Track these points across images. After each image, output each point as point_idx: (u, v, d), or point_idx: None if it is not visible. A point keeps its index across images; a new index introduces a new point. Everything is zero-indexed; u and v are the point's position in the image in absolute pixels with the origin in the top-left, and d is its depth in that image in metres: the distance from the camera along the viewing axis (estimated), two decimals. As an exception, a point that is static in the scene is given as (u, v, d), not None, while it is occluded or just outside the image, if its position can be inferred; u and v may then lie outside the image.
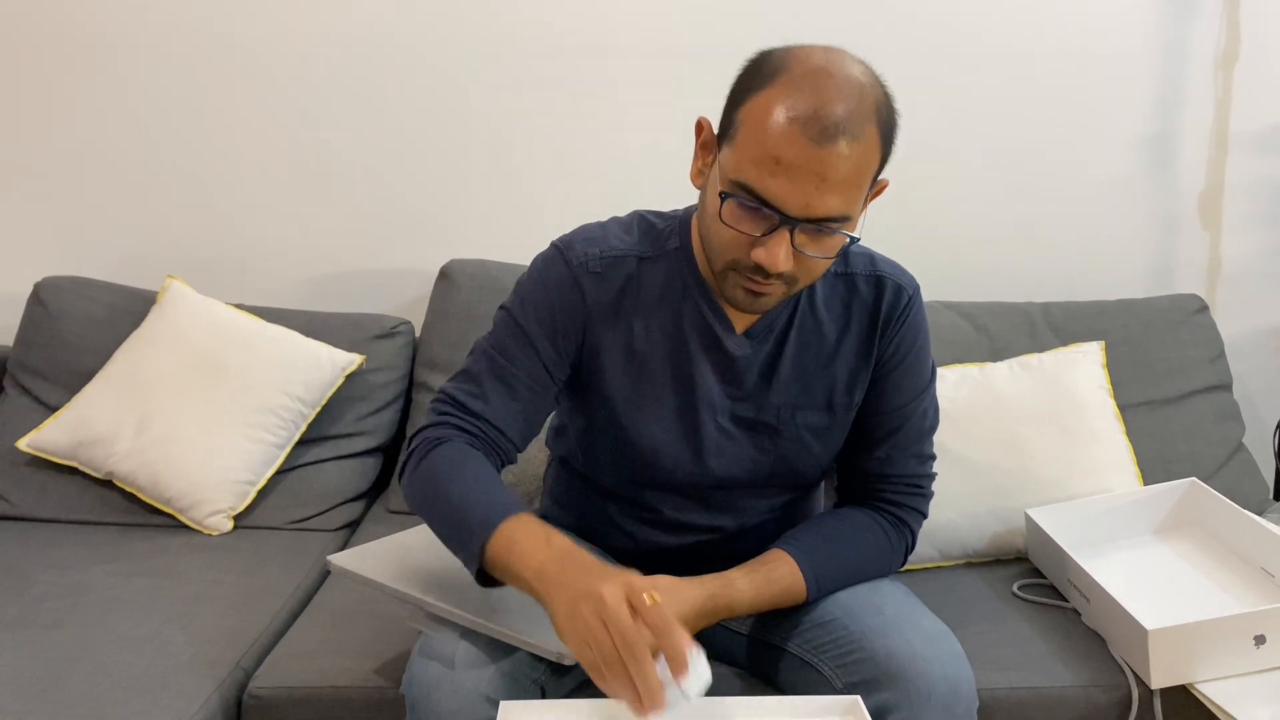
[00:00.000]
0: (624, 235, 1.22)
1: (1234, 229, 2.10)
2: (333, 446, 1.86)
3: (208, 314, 1.86)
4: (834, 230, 1.04)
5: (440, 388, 1.21)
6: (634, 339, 1.20)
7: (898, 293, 1.22)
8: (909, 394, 1.25)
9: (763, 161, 1.01)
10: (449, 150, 2.06)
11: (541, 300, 1.19)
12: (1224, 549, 1.51)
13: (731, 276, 1.09)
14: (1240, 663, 1.25)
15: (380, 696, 1.28)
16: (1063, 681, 1.31)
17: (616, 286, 1.20)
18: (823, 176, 1.00)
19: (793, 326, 1.21)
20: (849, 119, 0.99)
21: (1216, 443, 1.83)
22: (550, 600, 0.98)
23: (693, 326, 1.20)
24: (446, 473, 1.12)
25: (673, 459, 1.23)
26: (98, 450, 1.75)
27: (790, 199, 1.01)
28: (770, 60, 1.05)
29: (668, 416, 1.21)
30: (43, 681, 1.25)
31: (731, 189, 1.04)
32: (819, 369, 1.22)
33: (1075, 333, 1.89)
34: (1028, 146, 2.07)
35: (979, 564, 1.64)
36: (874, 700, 1.07)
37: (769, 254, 1.04)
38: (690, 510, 1.27)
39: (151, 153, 2.06)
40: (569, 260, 1.20)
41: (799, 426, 1.23)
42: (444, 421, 1.18)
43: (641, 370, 1.21)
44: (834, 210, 1.02)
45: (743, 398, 1.22)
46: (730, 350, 1.20)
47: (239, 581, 1.54)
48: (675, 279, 1.20)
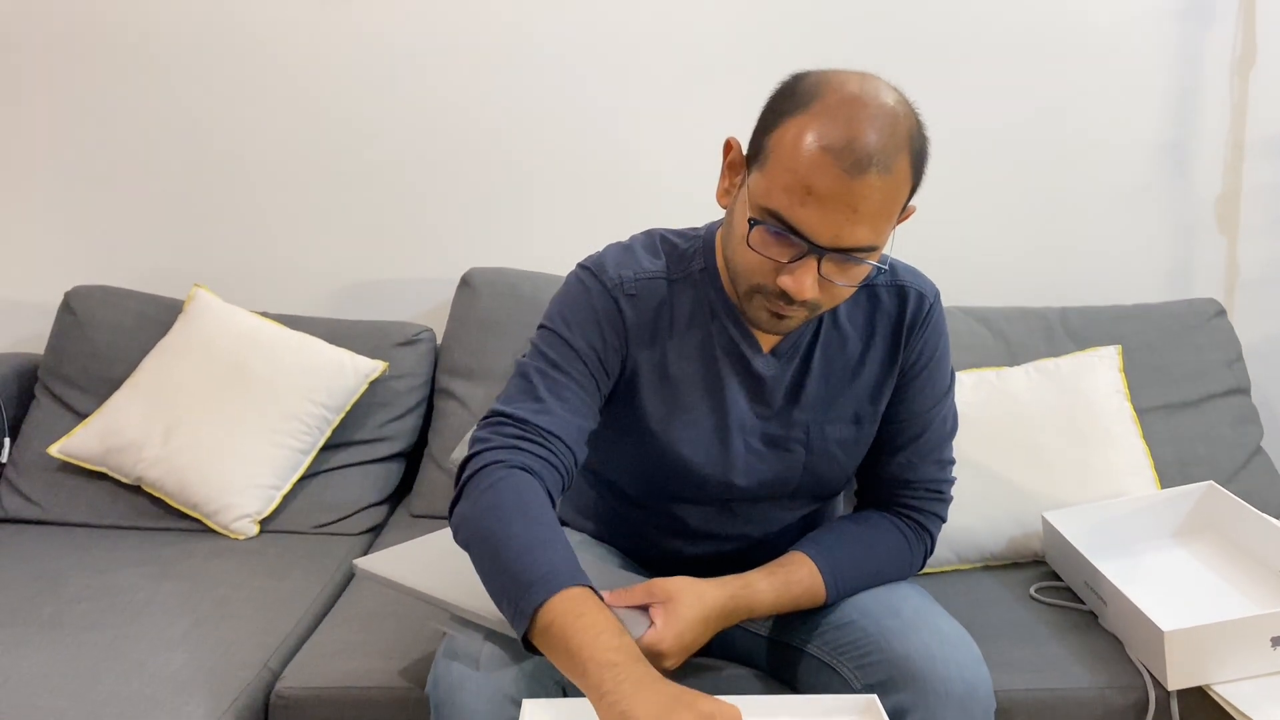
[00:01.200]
0: (652, 258, 1.21)
1: (1251, 234, 2.10)
2: (356, 452, 1.89)
3: (233, 322, 1.90)
4: (861, 260, 1.04)
5: (491, 410, 1.14)
6: (668, 362, 1.21)
7: (920, 300, 1.23)
8: (930, 400, 1.26)
9: (794, 190, 1.00)
10: (469, 161, 2.09)
11: (586, 316, 1.18)
12: (1241, 552, 1.51)
13: (756, 299, 1.09)
14: (1257, 664, 1.25)
15: (405, 697, 1.30)
16: (1080, 683, 1.32)
17: (651, 309, 1.20)
18: (854, 208, 0.99)
19: (818, 343, 1.22)
20: (882, 150, 0.99)
21: (1234, 446, 1.83)
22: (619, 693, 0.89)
23: (722, 348, 1.21)
24: (510, 512, 1.02)
25: (702, 476, 1.23)
26: (127, 456, 1.78)
27: (820, 229, 1.00)
28: (804, 85, 1.04)
29: (700, 437, 1.22)
30: (78, 680, 1.28)
31: (761, 215, 1.03)
32: (845, 383, 1.23)
33: (1093, 337, 1.90)
34: (1045, 153, 2.08)
35: (996, 567, 1.64)
36: (892, 701, 1.08)
37: (796, 282, 1.03)
38: (714, 520, 1.28)
39: (178, 165, 2.10)
40: (604, 281, 1.19)
41: (827, 441, 1.24)
42: (508, 444, 1.09)
43: (675, 392, 1.21)
44: (863, 241, 1.02)
45: (771, 416, 1.23)
46: (759, 371, 1.21)
47: (265, 585, 1.57)
48: (703, 301, 1.20)
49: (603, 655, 0.91)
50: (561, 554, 1.01)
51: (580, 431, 1.14)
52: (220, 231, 2.13)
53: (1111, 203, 2.10)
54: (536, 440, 1.10)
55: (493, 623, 1.11)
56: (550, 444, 1.11)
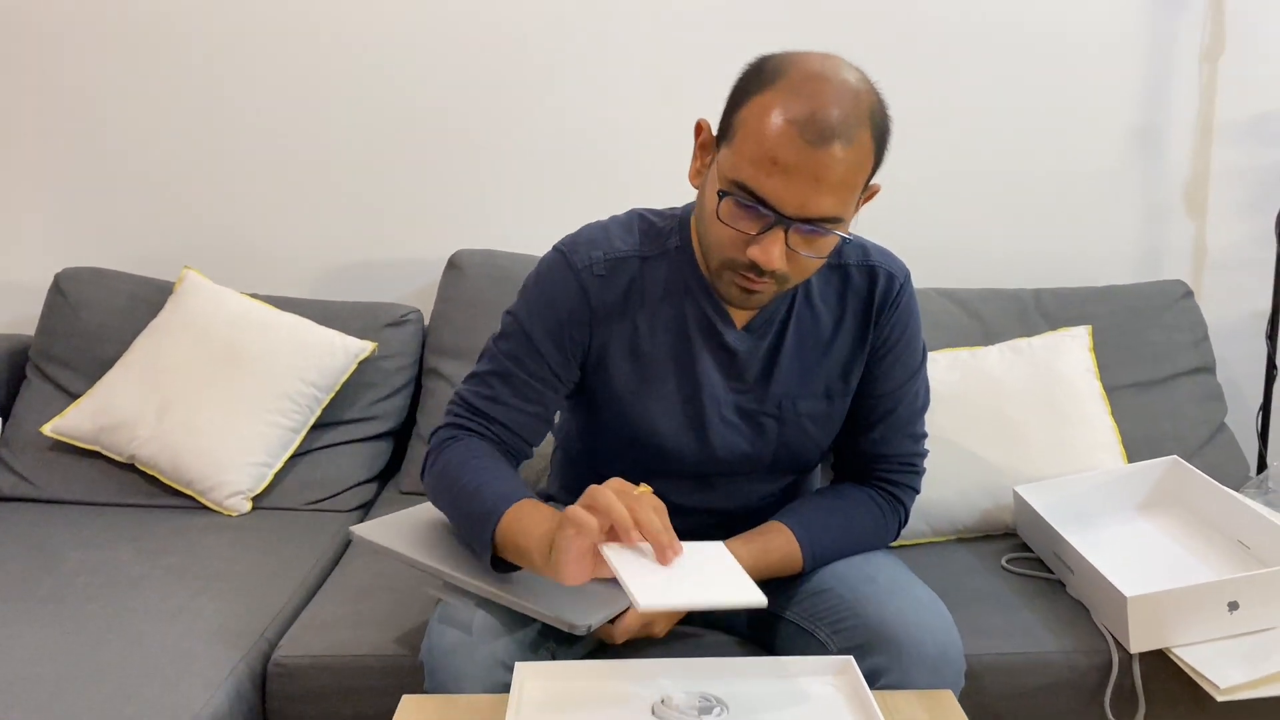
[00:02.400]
0: (626, 236, 1.26)
1: (1219, 217, 2.16)
2: (346, 431, 1.93)
3: (224, 303, 1.92)
4: (827, 231, 1.08)
5: (455, 391, 1.27)
6: (639, 337, 1.25)
7: (890, 280, 1.27)
8: (902, 377, 1.30)
9: (760, 162, 1.05)
10: (456, 143, 2.12)
11: (547, 307, 1.24)
12: (1203, 523, 1.57)
13: (726, 274, 1.14)
14: (1215, 627, 1.31)
15: (399, 665, 1.34)
16: (1047, 647, 1.38)
17: (621, 287, 1.24)
18: (818, 178, 1.04)
19: (790, 320, 1.26)
20: (844, 123, 1.03)
21: (1199, 423, 1.89)
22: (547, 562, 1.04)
23: (695, 323, 1.25)
24: (457, 468, 1.19)
25: (678, 450, 1.28)
26: (120, 435, 1.81)
27: (786, 199, 1.05)
28: (769, 65, 1.09)
29: (673, 411, 1.26)
30: (78, 651, 1.31)
31: (729, 188, 1.08)
32: (817, 359, 1.27)
33: (1064, 318, 1.96)
34: (1020, 139, 2.13)
35: (969, 539, 1.70)
36: (867, 664, 1.13)
37: (764, 252, 1.08)
38: (693, 494, 1.33)
39: (166, 148, 2.12)
40: (573, 264, 1.24)
41: (800, 415, 1.28)
42: (457, 423, 1.25)
43: (647, 367, 1.25)
44: (828, 211, 1.06)
45: (745, 390, 1.27)
46: (731, 345, 1.25)
47: (259, 559, 1.61)
48: (677, 277, 1.25)
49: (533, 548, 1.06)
50: (500, 483, 1.15)
51: (532, 418, 1.25)
52: (209, 214, 2.15)
53: (1084, 187, 2.16)
54: (484, 427, 1.24)
55: (484, 590, 1.15)
56: (497, 430, 1.24)
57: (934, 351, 1.85)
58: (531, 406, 1.24)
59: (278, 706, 1.36)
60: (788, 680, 1.06)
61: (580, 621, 1.08)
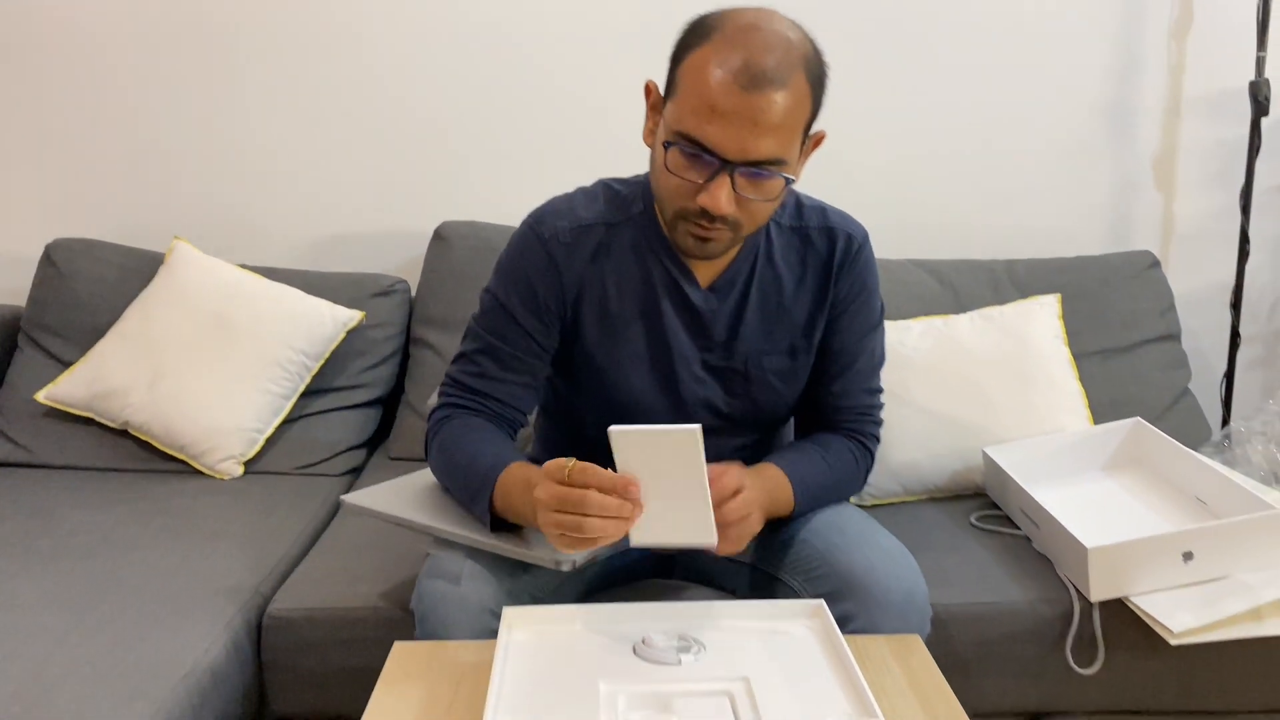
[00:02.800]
0: (591, 205, 1.31)
1: (1187, 190, 2.22)
2: (336, 398, 1.97)
3: (214, 273, 1.96)
4: (772, 174, 1.13)
5: (446, 373, 1.33)
6: (608, 301, 1.30)
7: (848, 241, 1.32)
8: (859, 333, 1.35)
9: (700, 111, 1.10)
10: (442, 115, 2.16)
11: (521, 279, 1.29)
12: (1163, 482, 1.63)
13: (681, 225, 1.19)
14: (1171, 577, 1.37)
15: (390, 616, 1.39)
16: (1012, 598, 1.44)
17: (588, 255, 1.29)
18: (755, 121, 1.09)
19: (753, 280, 1.31)
20: (777, 68, 1.09)
21: (1164, 388, 1.96)
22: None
23: (661, 284, 1.30)
24: (454, 444, 1.26)
25: (651, 408, 1.33)
26: (113, 401, 1.85)
27: (727, 143, 1.10)
28: (706, 21, 1.15)
29: (644, 370, 1.32)
30: (80, 604, 1.36)
31: (673, 138, 1.14)
32: (780, 318, 1.32)
33: (1035, 287, 2.01)
34: (993, 114, 2.18)
35: (940, 499, 1.76)
36: (837, 609, 1.18)
37: (711, 197, 1.13)
38: None
39: (156, 121, 2.15)
40: (541, 235, 1.29)
41: (765, 371, 1.33)
42: (451, 402, 1.31)
43: (617, 329, 1.31)
44: (769, 153, 1.11)
45: (712, 348, 1.32)
46: (696, 304, 1.30)
47: (253, 520, 1.65)
48: (641, 241, 1.30)
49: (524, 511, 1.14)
50: (494, 452, 1.22)
51: (521, 389, 1.31)
52: (199, 187, 2.18)
53: (1056, 162, 2.21)
54: (478, 401, 1.30)
55: (473, 541, 1.20)
56: (490, 405, 1.30)
57: (908, 320, 1.90)
58: (520, 378, 1.30)
59: (273, 658, 1.41)
60: (762, 622, 1.11)
61: (564, 559, 1.14)
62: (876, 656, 1.12)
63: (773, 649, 1.06)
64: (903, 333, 1.85)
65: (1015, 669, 1.43)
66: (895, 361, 1.81)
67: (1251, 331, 2.27)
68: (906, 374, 1.80)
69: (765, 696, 0.97)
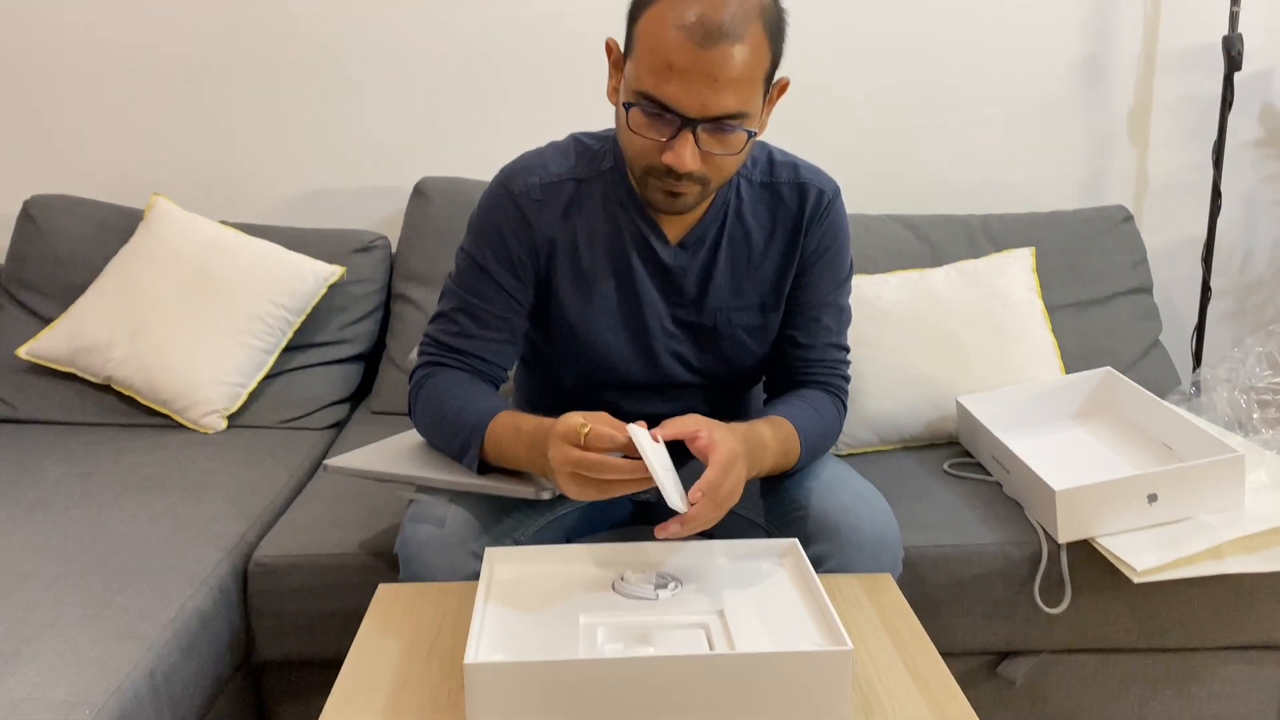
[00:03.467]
0: (561, 160, 1.32)
1: (1160, 145, 2.25)
2: (318, 353, 1.98)
3: (193, 229, 1.96)
4: (734, 128, 1.14)
5: (425, 333, 1.34)
6: (580, 256, 1.31)
7: (819, 196, 1.32)
8: (829, 287, 1.35)
9: (658, 69, 1.11)
10: (422, 71, 2.15)
11: (494, 236, 1.30)
12: (1132, 428, 1.67)
13: (650, 182, 1.20)
14: (1135, 518, 1.41)
15: (374, 562, 1.42)
16: (982, 540, 1.48)
17: (559, 210, 1.30)
18: (714, 77, 1.10)
19: (723, 236, 1.32)
20: (732, 22, 1.09)
21: (1135, 339, 1.99)
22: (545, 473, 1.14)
23: (631, 240, 1.31)
24: (439, 399, 1.27)
25: (625, 361, 1.35)
26: (95, 357, 1.86)
27: (686, 101, 1.11)
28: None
29: (617, 325, 1.33)
30: (68, 551, 1.38)
31: (634, 98, 1.14)
32: (750, 274, 1.33)
33: (1011, 242, 2.04)
34: (969, 70, 2.19)
35: (914, 448, 1.80)
36: (812, 550, 1.22)
37: (676, 155, 1.14)
38: (644, 406, 1.39)
39: (133, 75, 2.14)
40: (512, 191, 1.30)
41: (735, 327, 1.35)
42: (430, 361, 1.32)
43: (590, 284, 1.32)
44: (730, 108, 1.12)
45: (683, 304, 1.33)
46: (666, 262, 1.31)
47: (237, 472, 1.67)
48: (612, 196, 1.31)
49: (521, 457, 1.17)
50: (481, 403, 1.24)
51: (501, 345, 1.32)
52: (176, 142, 2.17)
53: (1032, 117, 2.23)
54: (458, 360, 1.31)
55: (455, 483, 1.23)
56: (470, 362, 1.31)
57: (885, 274, 1.93)
58: (499, 334, 1.31)
59: (260, 603, 1.43)
60: (738, 560, 1.14)
61: (546, 488, 1.18)
62: (849, 593, 1.15)
63: (748, 585, 1.09)
64: (880, 286, 1.88)
65: (985, 609, 1.47)
66: (872, 314, 1.83)
67: (1222, 284, 2.31)
68: (883, 326, 1.83)
69: (739, 628, 1.00)
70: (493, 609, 1.04)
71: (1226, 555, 1.38)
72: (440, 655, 1.02)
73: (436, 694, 0.96)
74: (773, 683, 0.90)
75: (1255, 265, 2.33)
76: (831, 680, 0.91)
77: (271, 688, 1.51)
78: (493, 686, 0.88)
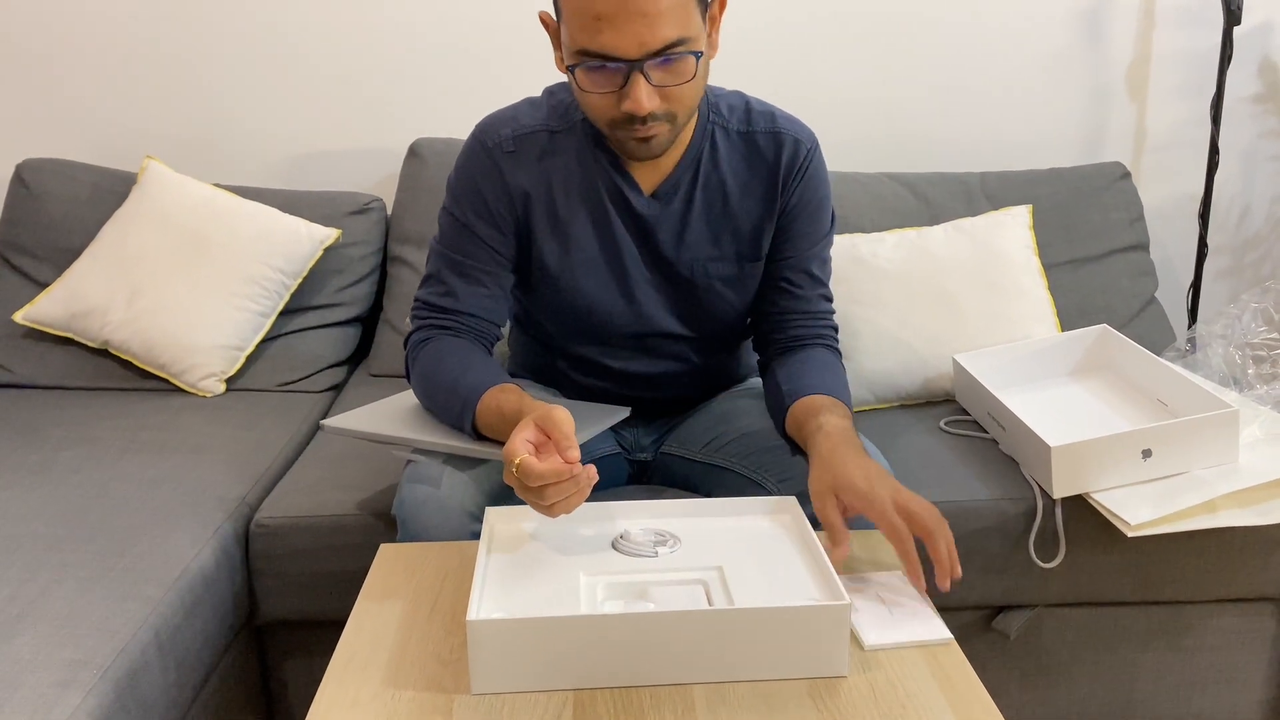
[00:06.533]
0: (533, 112, 1.32)
1: (1158, 99, 2.23)
2: (315, 316, 1.98)
3: (187, 192, 1.95)
4: (680, 54, 1.14)
5: (415, 297, 1.34)
6: (556, 206, 1.31)
7: (796, 146, 1.32)
8: (813, 239, 1.36)
9: (588, 24, 1.11)
10: (416, 31, 2.13)
11: (471, 190, 1.30)
12: (1128, 385, 1.68)
13: (619, 133, 1.20)
14: (1130, 473, 1.42)
15: (373, 523, 1.43)
16: (978, 495, 1.49)
17: (533, 159, 1.30)
18: (643, 12, 1.09)
19: (697, 186, 1.32)
20: None
21: (1131, 296, 1.99)
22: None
23: (606, 191, 1.31)
24: (434, 368, 1.27)
25: (607, 313, 1.35)
26: (92, 321, 1.85)
27: (623, 45, 1.11)
28: None
29: (599, 276, 1.34)
30: (71, 513, 1.39)
31: (575, 59, 1.15)
32: (725, 224, 1.33)
33: (1008, 199, 2.03)
34: (967, 25, 2.17)
35: (912, 405, 1.80)
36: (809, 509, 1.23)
37: (633, 101, 1.14)
38: (631, 360, 1.41)
39: (125, 36, 2.11)
40: (485, 144, 1.30)
41: (711, 278, 1.35)
42: (424, 325, 1.32)
43: (568, 236, 1.32)
44: (669, 37, 1.12)
45: (659, 253, 1.34)
46: (640, 211, 1.31)
47: (237, 435, 1.68)
48: (585, 148, 1.31)
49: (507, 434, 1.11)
50: (477, 373, 1.23)
51: (490, 299, 1.32)
52: (168, 104, 2.15)
53: (1029, 73, 2.21)
54: (451, 319, 1.31)
55: (450, 447, 1.23)
56: (463, 320, 1.31)
57: (883, 232, 1.93)
58: (487, 290, 1.31)
59: (262, 564, 1.45)
60: (736, 518, 1.15)
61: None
62: (846, 549, 1.16)
63: (746, 542, 1.10)
64: (876, 244, 1.88)
65: (981, 564, 1.49)
66: (870, 272, 1.83)
67: (1219, 242, 2.31)
68: (881, 284, 1.83)
69: (738, 584, 1.02)
70: (494, 566, 1.05)
71: (1220, 509, 1.39)
72: (442, 613, 1.03)
73: (440, 650, 0.97)
74: (771, 637, 0.92)
75: (1252, 222, 2.32)
76: (829, 634, 0.92)
77: (275, 647, 1.53)
78: (495, 642, 0.90)
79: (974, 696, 0.91)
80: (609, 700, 0.90)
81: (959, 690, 0.92)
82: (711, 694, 0.91)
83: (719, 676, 0.92)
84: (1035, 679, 1.59)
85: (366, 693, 0.91)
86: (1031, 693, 1.60)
